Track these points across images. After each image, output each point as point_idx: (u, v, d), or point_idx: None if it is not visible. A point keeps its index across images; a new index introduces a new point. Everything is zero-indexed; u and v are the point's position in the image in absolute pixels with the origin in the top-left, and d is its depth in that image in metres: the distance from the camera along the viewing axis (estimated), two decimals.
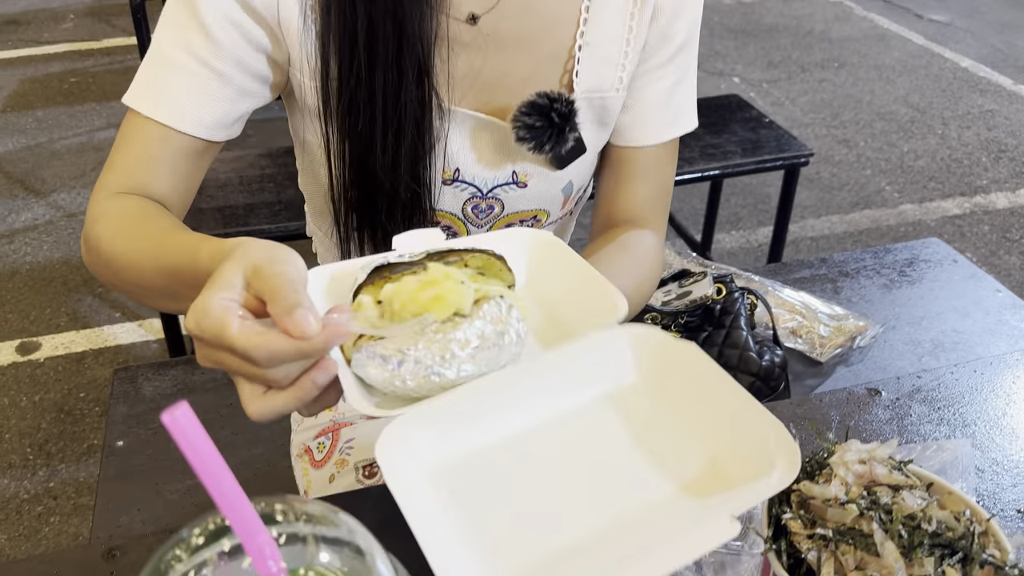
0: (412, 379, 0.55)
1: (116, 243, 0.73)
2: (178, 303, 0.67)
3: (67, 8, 5.13)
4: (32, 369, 2.34)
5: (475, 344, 0.56)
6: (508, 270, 0.64)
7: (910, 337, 1.46)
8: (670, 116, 0.91)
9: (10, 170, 3.31)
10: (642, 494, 0.54)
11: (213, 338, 0.52)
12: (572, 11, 0.82)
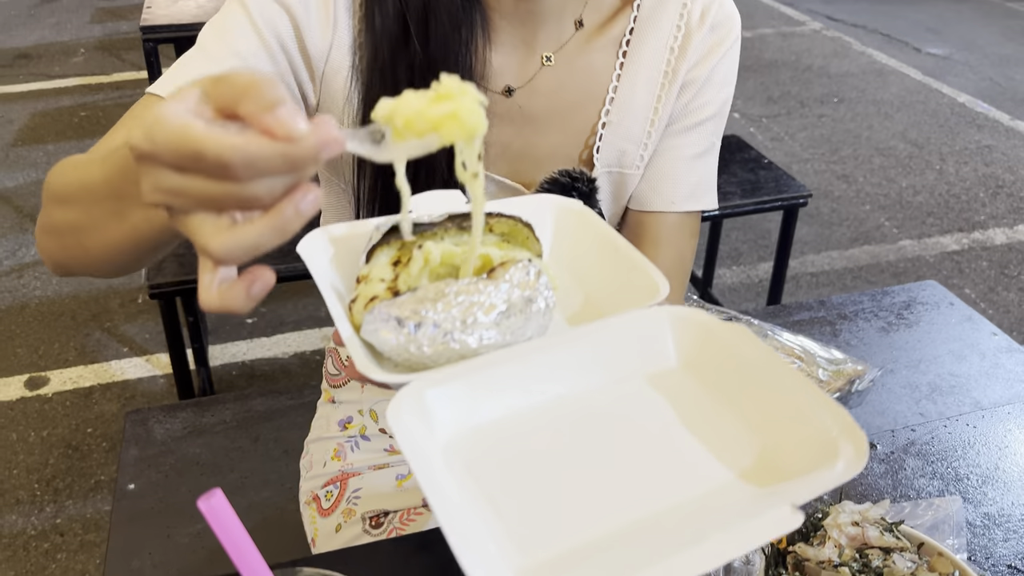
0: (429, 345, 0.49)
1: (67, 170, 0.65)
2: (121, 217, 0.58)
3: (78, 42, 5.22)
4: (40, 404, 2.36)
5: (500, 309, 0.50)
6: (536, 239, 0.58)
7: (907, 381, 1.48)
8: (690, 188, 0.90)
9: (20, 204, 3.36)
10: (688, 481, 0.48)
11: (171, 148, 0.42)
12: (600, 90, 0.85)
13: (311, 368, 2.51)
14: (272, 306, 2.77)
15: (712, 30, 0.85)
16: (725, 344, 0.52)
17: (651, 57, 0.84)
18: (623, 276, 0.58)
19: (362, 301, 0.52)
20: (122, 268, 0.67)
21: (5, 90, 4.48)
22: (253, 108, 0.42)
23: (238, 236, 0.43)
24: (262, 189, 0.42)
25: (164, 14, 2.29)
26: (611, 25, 0.85)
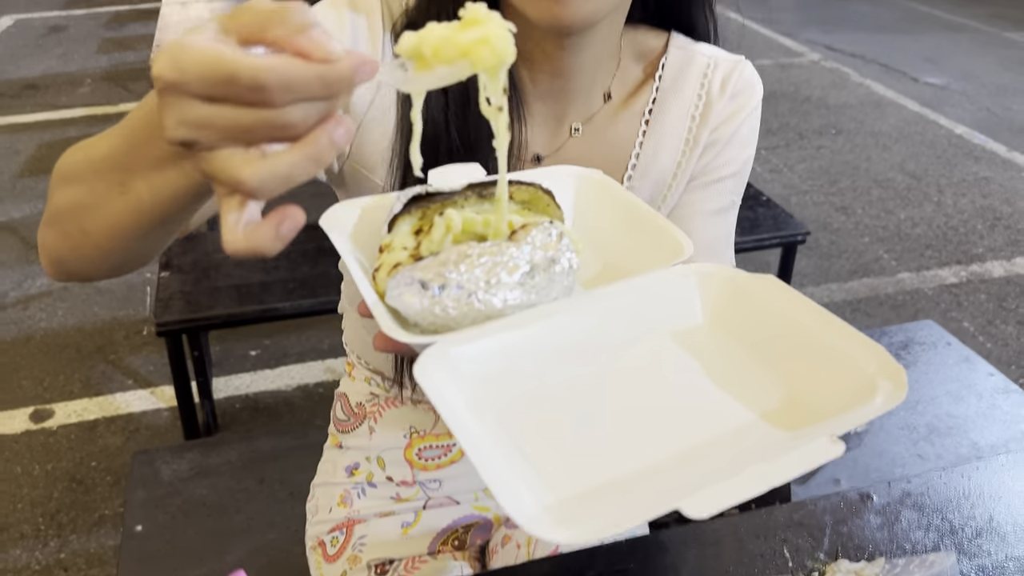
0: (454, 306, 0.49)
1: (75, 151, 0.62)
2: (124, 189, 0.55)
3: (84, 72, 5.27)
4: (45, 437, 2.38)
5: (524, 270, 0.50)
6: (556, 206, 0.58)
7: (905, 422, 1.50)
8: (706, 244, 0.89)
9: (26, 235, 3.38)
10: (719, 422, 0.48)
11: (202, 75, 0.40)
12: (624, 156, 0.87)
13: (314, 401, 2.52)
14: (276, 338, 2.79)
15: (733, 98, 0.86)
16: (753, 296, 0.53)
17: (673, 125, 0.86)
18: (646, 238, 0.58)
19: (386, 268, 0.52)
20: (122, 256, 0.63)
21: (12, 120, 4.53)
22: (283, 32, 0.40)
23: (272, 165, 0.42)
24: (297, 115, 0.41)
25: None
26: (635, 98, 0.87)
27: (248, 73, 0.39)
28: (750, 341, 0.53)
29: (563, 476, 0.44)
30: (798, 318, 0.51)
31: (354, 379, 1.02)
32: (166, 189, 0.53)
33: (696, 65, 0.86)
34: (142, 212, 0.56)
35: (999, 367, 2.70)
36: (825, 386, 0.48)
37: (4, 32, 6.19)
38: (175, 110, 0.42)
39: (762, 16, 7.03)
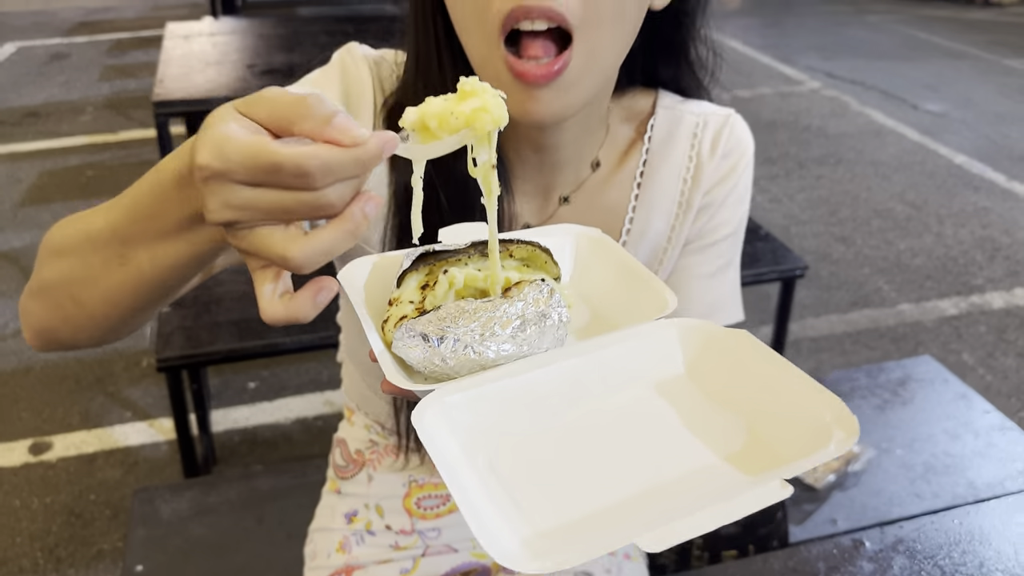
0: (452, 357, 0.54)
1: (67, 224, 0.64)
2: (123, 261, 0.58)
3: (86, 100, 5.31)
4: (44, 470, 2.38)
5: (516, 324, 0.55)
6: (554, 263, 0.63)
7: (903, 461, 1.50)
8: (706, 307, 0.89)
9: (26, 265, 3.40)
10: (691, 464, 0.52)
11: (246, 164, 0.44)
12: (617, 222, 0.86)
13: (312, 434, 2.52)
14: (274, 370, 2.79)
15: (724, 157, 0.86)
16: (728, 350, 0.58)
17: (665, 188, 0.85)
18: (636, 293, 0.63)
19: (393, 320, 0.57)
20: (115, 324, 0.64)
21: (14, 149, 4.56)
22: (312, 125, 0.45)
23: (315, 242, 0.46)
24: (335, 195, 0.46)
25: (176, 87, 2.36)
26: (625, 161, 0.86)
27: (292, 162, 0.44)
28: (722, 391, 0.57)
29: (543, 514, 0.49)
30: (766, 371, 0.56)
31: (353, 425, 1.02)
32: (168, 259, 0.56)
33: (685, 125, 0.85)
34: (142, 283, 0.58)
35: (999, 400, 2.70)
36: (785, 433, 0.53)
37: (7, 59, 6.25)
38: (219, 195, 0.46)
39: (762, 43, 7.09)
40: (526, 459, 0.53)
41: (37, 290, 0.65)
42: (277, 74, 2.55)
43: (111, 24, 7.43)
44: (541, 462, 0.53)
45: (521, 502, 0.49)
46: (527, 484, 0.51)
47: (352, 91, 0.79)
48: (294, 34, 2.95)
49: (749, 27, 7.74)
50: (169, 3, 8.49)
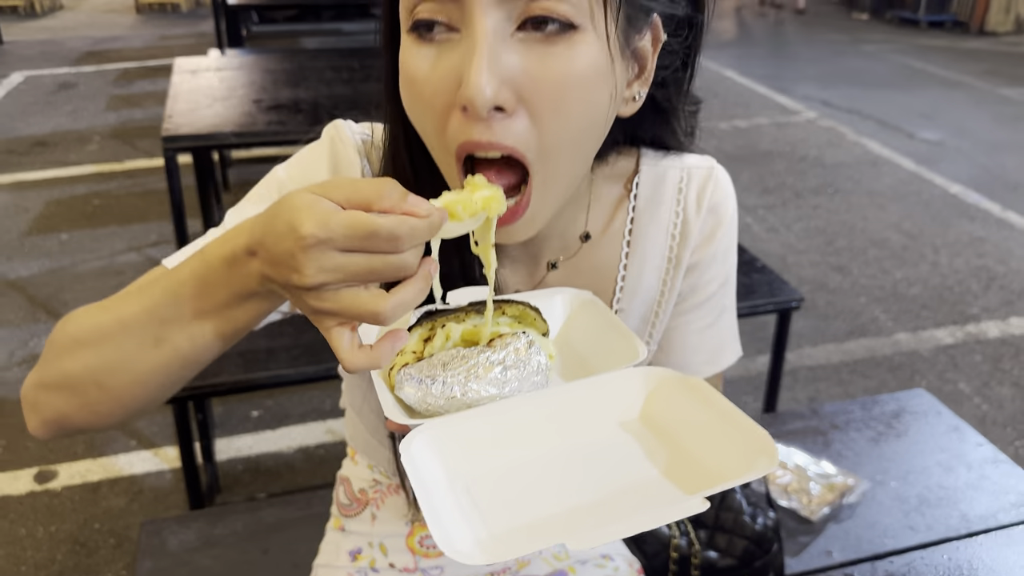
0: (441, 396, 0.63)
1: (85, 316, 0.67)
2: (159, 342, 0.63)
3: (93, 130, 5.38)
4: (49, 499, 2.40)
5: (497, 369, 0.64)
6: (542, 320, 0.72)
7: (897, 493, 1.53)
8: (707, 355, 0.92)
9: (33, 293, 3.44)
10: (632, 484, 0.63)
11: (346, 231, 0.51)
12: (609, 282, 0.87)
13: (315, 463, 2.55)
14: (278, 399, 2.82)
15: (710, 212, 0.87)
16: (681, 392, 0.68)
17: (654, 244, 0.87)
18: (613, 345, 0.72)
19: (396, 367, 0.66)
20: (140, 404, 0.68)
21: (22, 178, 4.62)
22: (391, 202, 0.53)
23: (400, 297, 0.55)
24: (412, 257, 0.54)
25: (185, 122, 2.41)
26: (612, 220, 0.87)
27: (387, 228, 0.52)
28: (671, 426, 0.67)
29: (501, 522, 0.59)
30: (709, 409, 0.65)
31: (357, 463, 1.05)
32: (206, 337, 0.62)
33: (670, 180, 0.86)
34: (176, 361, 0.64)
35: (995, 429, 2.73)
36: (720, 460, 0.62)
37: (15, 89, 6.33)
38: (317, 261, 0.53)
39: (760, 73, 7.18)
40: (497, 482, 0.62)
41: (56, 383, 0.67)
42: (283, 109, 2.60)
43: (118, 54, 7.53)
44: (509, 484, 0.62)
45: (485, 514, 0.59)
46: (494, 500, 0.60)
47: (338, 168, 0.81)
48: (299, 69, 3.00)
49: (746, 57, 7.83)
50: (175, 33, 8.61)
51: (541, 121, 0.64)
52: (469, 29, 0.61)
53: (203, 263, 0.61)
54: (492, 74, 0.60)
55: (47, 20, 9.20)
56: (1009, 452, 2.63)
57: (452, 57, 0.62)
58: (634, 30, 0.67)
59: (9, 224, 4.06)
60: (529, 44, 0.62)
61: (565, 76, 0.62)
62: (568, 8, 0.61)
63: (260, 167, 4.61)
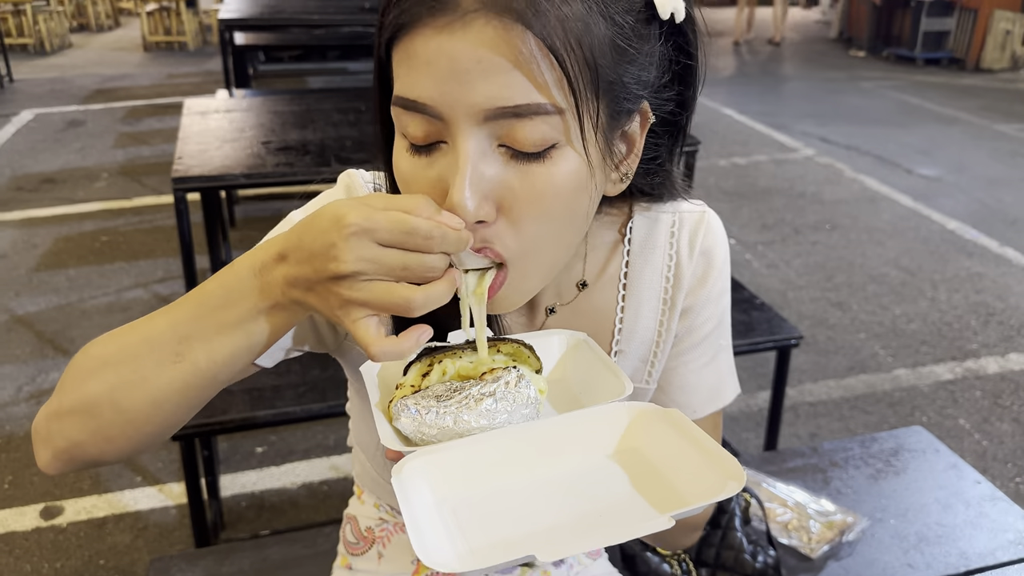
0: (435, 426, 0.67)
1: (110, 338, 0.70)
2: (178, 359, 0.66)
3: (101, 167, 5.45)
4: (55, 535, 2.41)
5: (488, 401, 0.68)
6: (536, 357, 0.76)
7: (896, 531, 1.55)
8: (707, 393, 0.95)
9: (41, 329, 3.47)
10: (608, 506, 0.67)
11: (389, 225, 0.57)
12: (608, 325, 0.90)
13: (318, 499, 2.56)
14: (282, 434, 2.84)
15: (702, 255, 0.89)
16: (661, 424, 0.72)
17: (649, 287, 0.89)
18: (602, 381, 0.77)
19: (395, 399, 0.70)
20: (154, 428, 0.69)
21: (31, 215, 4.67)
22: (428, 214, 0.59)
23: (431, 292, 0.60)
24: (441, 261, 0.60)
25: (194, 164, 2.45)
26: (608, 264, 0.89)
27: (424, 228, 0.58)
28: (651, 455, 0.72)
29: (482, 539, 0.63)
30: (685, 440, 0.70)
31: (363, 503, 1.08)
32: (223, 352, 0.66)
33: (662, 224, 0.89)
34: (194, 378, 0.66)
35: (995, 465, 2.74)
36: (691, 483, 0.68)
37: (24, 126, 6.42)
38: (357, 250, 0.57)
39: (758, 110, 7.27)
40: (481, 504, 0.67)
41: (72, 407, 0.69)
42: (291, 151, 2.65)
43: (126, 92, 7.64)
44: (492, 506, 0.67)
45: (467, 532, 0.63)
46: (476, 520, 0.65)
47: None
48: (307, 111, 3.06)
49: (745, 95, 7.93)
50: (182, 71, 8.73)
51: (520, 228, 0.66)
52: (453, 145, 0.64)
53: (231, 272, 0.65)
54: (473, 192, 0.63)
55: (56, 58, 9.34)
56: (1010, 488, 2.64)
57: (440, 165, 0.65)
58: (619, 123, 0.69)
59: (18, 260, 4.11)
60: (509, 159, 0.64)
61: (544, 190, 0.65)
62: (546, 131, 0.63)
63: (265, 204, 4.67)
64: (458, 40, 0.60)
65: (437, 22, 0.60)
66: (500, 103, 0.61)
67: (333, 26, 5.37)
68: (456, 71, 0.60)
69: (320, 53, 7.94)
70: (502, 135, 0.63)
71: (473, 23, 0.59)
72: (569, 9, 0.60)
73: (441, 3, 0.60)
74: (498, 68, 0.60)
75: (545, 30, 0.59)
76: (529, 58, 0.60)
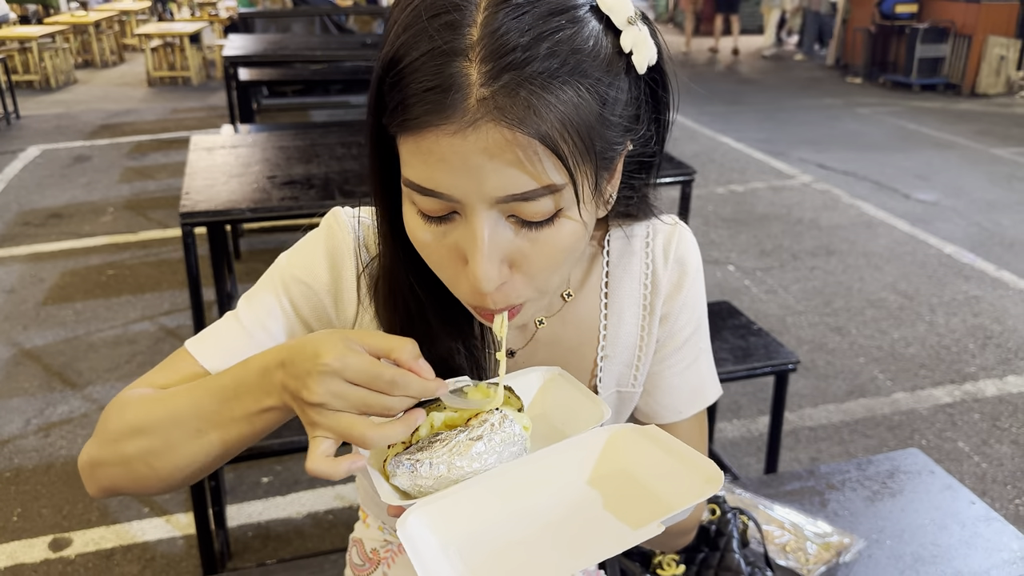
0: (430, 476, 0.71)
1: (139, 405, 0.80)
2: (199, 435, 0.75)
3: (107, 201, 5.52)
4: (63, 566, 2.44)
5: (477, 446, 0.72)
6: (516, 397, 0.80)
7: (892, 551, 1.57)
8: (690, 393, 1.00)
9: (49, 362, 3.51)
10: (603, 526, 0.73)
11: (359, 367, 0.65)
12: (593, 332, 0.95)
13: (323, 528, 2.59)
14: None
15: (677, 263, 0.95)
16: (642, 440, 0.78)
17: (629, 295, 0.95)
18: (580, 409, 0.83)
19: (388, 457, 0.74)
20: (178, 483, 0.81)
21: (38, 249, 4.73)
22: (405, 358, 0.67)
23: (386, 431, 0.66)
24: (400, 404, 0.67)
25: (201, 199, 2.51)
26: (589, 276, 0.95)
27: (389, 375, 0.66)
28: (635, 470, 0.78)
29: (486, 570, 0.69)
30: (664, 450, 0.77)
31: (368, 527, 1.11)
32: (232, 437, 0.75)
33: (637, 236, 0.95)
34: (210, 453, 0.76)
35: (995, 488, 2.76)
36: (674, 490, 0.74)
37: (31, 162, 6.50)
38: (326, 384, 0.65)
39: (755, 137, 7.34)
40: (484, 542, 0.72)
41: (112, 461, 0.81)
42: (296, 185, 2.70)
43: (131, 127, 7.73)
44: (495, 542, 0.72)
45: (476, 570, 0.68)
46: (482, 558, 0.70)
47: (334, 254, 0.90)
48: (311, 146, 3.12)
49: (742, 123, 8.01)
50: (186, 105, 8.84)
51: (533, 278, 0.74)
52: (468, 220, 0.69)
53: (244, 368, 0.74)
54: (493, 263, 0.69)
55: (62, 94, 9.47)
56: (1010, 511, 2.66)
57: (455, 235, 0.71)
58: (608, 171, 0.75)
59: (25, 294, 4.16)
60: (519, 227, 0.70)
61: (553, 250, 0.72)
62: (550, 205, 0.68)
63: (270, 236, 4.73)
64: (470, 144, 0.64)
65: (447, 127, 0.65)
66: (510, 191, 0.66)
67: (335, 61, 5.46)
68: (468, 168, 0.65)
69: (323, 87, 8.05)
70: (511, 210, 0.68)
71: (480, 128, 0.64)
72: (561, 103, 0.65)
73: (449, 110, 0.64)
74: (506, 164, 0.65)
75: (544, 129, 0.64)
76: (531, 154, 0.65)
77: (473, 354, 0.87)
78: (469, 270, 0.70)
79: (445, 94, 0.64)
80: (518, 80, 0.63)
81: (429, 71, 0.64)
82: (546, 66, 0.64)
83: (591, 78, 0.67)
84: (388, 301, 0.86)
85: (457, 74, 0.64)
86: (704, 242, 4.76)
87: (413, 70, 0.65)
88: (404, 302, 0.85)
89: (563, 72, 0.65)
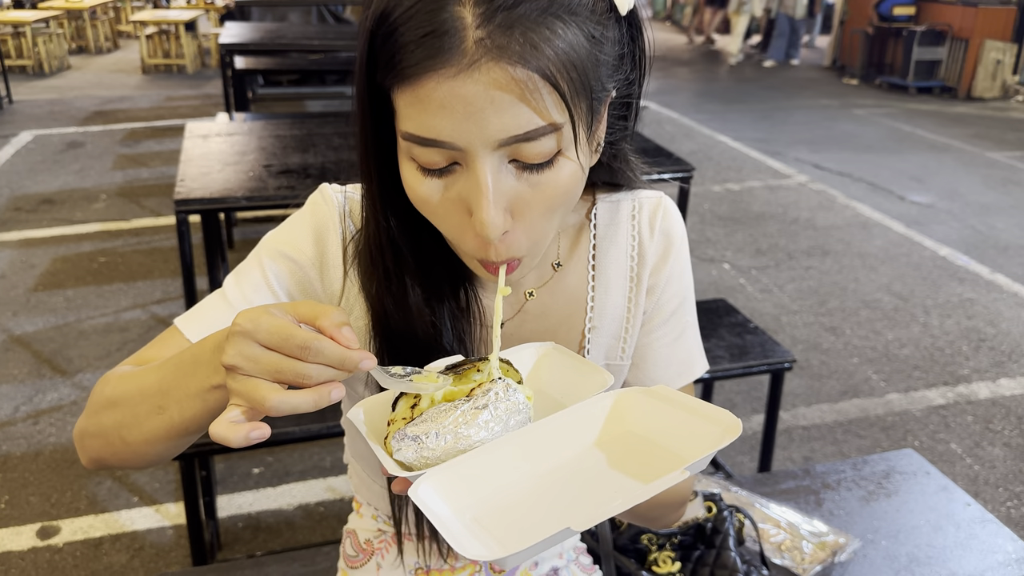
0: (438, 447, 0.69)
1: (120, 380, 0.81)
2: (161, 411, 0.75)
3: (99, 188, 5.48)
4: (51, 555, 2.42)
5: (483, 415, 0.71)
6: (515, 370, 0.79)
7: (887, 552, 1.57)
8: (677, 367, 1.01)
9: (39, 349, 3.49)
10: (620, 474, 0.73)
11: (271, 328, 0.62)
12: (580, 304, 0.96)
13: (315, 520, 2.57)
14: (279, 455, 2.85)
15: (662, 235, 0.96)
16: (650, 400, 0.78)
17: (616, 266, 0.96)
18: (582, 379, 0.81)
19: (390, 435, 0.72)
20: (153, 458, 0.81)
21: (29, 235, 4.70)
22: (328, 324, 0.64)
23: (289, 398, 0.63)
24: (316, 371, 0.63)
25: (196, 186, 2.48)
26: (576, 248, 0.96)
27: (300, 338, 0.62)
28: (647, 428, 0.78)
29: (509, 535, 0.67)
30: (677, 407, 0.77)
31: (362, 516, 1.10)
32: (189, 412, 0.74)
33: (623, 208, 0.96)
34: (172, 428, 0.75)
35: (987, 490, 2.76)
36: (690, 442, 0.74)
37: (24, 148, 6.45)
38: (238, 346, 0.63)
39: (752, 137, 7.34)
40: (500, 506, 0.71)
41: (94, 432, 0.82)
42: (293, 174, 2.68)
43: (125, 114, 7.69)
44: (511, 505, 0.71)
45: (495, 532, 0.67)
46: (500, 521, 0.69)
47: (320, 228, 0.90)
48: (308, 136, 3.10)
49: (739, 122, 8.01)
50: (181, 94, 8.79)
51: (532, 227, 0.73)
52: (470, 169, 0.69)
53: (202, 344, 0.73)
54: (498, 209, 0.69)
55: (55, 80, 9.40)
56: (1002, 512, 2.66)
57: (457, 186, 0.71)
58: (599, 112, 0.76)
59: (16, 280, 4.12)
60: (520, 171, 0.70)
61: (553, 193, 0.72)
62: (550, 145, 0.69)
63: (263, 226, 4.70)
64: (470, 85, 0.64)
65: (447, 71, 0.64)
66: (512, 132, 0.66)
67: (332, 51, 5.43)
68: (470, 112, 0.65)
69: (319, 77, 8.01)
70: (512, 154, 0.68)
71: (480, 68, 0.64)
72: (559, 38, 0.65)
73: (447, 54, 0.64)
74: (508, 103, 0.65)
75: (544, 64, 0.65)
76: (533, 90, 0.65)
77: (456, 326, 0.88)
78: (475, 219, 0.69)
79: (442, 38, 0.64)
80: (512, 19, 0.64)
81: (423, 18, 0.64)
82: (538, 4, 0.65)
83: (580, 16, 0.68)
84: (370, 271, 0.86)
85: (451, 18, 0.64)
86: (700, 240, 4.76)
87: (407, 19, 0.65)
88: (386, 272, 0.85)
89: (554, 9, 0.65)
